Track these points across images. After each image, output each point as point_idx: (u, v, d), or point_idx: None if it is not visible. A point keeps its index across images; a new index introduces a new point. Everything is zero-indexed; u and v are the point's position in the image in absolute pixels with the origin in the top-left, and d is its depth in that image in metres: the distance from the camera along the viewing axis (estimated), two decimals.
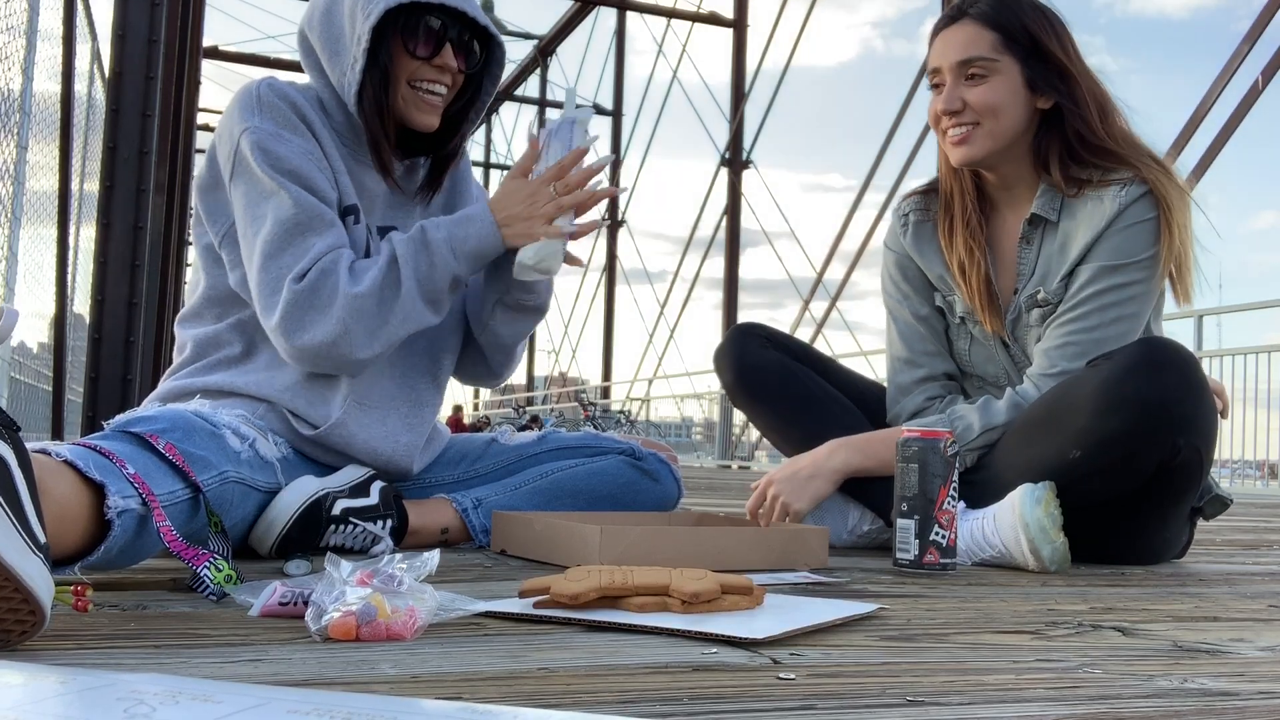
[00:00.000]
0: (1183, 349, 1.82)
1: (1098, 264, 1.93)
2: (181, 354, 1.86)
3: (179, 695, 0.72)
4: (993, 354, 2.08)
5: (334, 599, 1.03)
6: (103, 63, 8.05)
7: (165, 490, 1.36)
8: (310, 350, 1.70)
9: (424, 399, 1.92)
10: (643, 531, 1.62)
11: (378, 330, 1.72)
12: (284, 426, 1.78)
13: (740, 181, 17.11)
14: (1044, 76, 1.95)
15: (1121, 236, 1.92)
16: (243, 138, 1.73)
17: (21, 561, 0.89)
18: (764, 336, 2.18)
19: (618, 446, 2.07)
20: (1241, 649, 1.14)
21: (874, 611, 1.27)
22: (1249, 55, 8.28)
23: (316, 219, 1.71)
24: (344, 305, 1.69)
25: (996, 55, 1.94)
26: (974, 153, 1.97)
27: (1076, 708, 0.84)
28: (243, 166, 1.73)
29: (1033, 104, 1.97)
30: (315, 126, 1.78)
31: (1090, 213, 1.94)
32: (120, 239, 6.03)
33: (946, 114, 1.98)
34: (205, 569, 1.20)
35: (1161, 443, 1.78)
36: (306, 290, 1.68)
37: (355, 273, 1.72)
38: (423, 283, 1.74)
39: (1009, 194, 2.06)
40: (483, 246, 1.77)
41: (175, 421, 1.48)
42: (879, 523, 2.05)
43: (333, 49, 1.79)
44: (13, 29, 5.76)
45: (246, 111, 1.74)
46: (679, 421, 21.50)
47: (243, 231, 1.74)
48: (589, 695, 0.83)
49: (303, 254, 1.70)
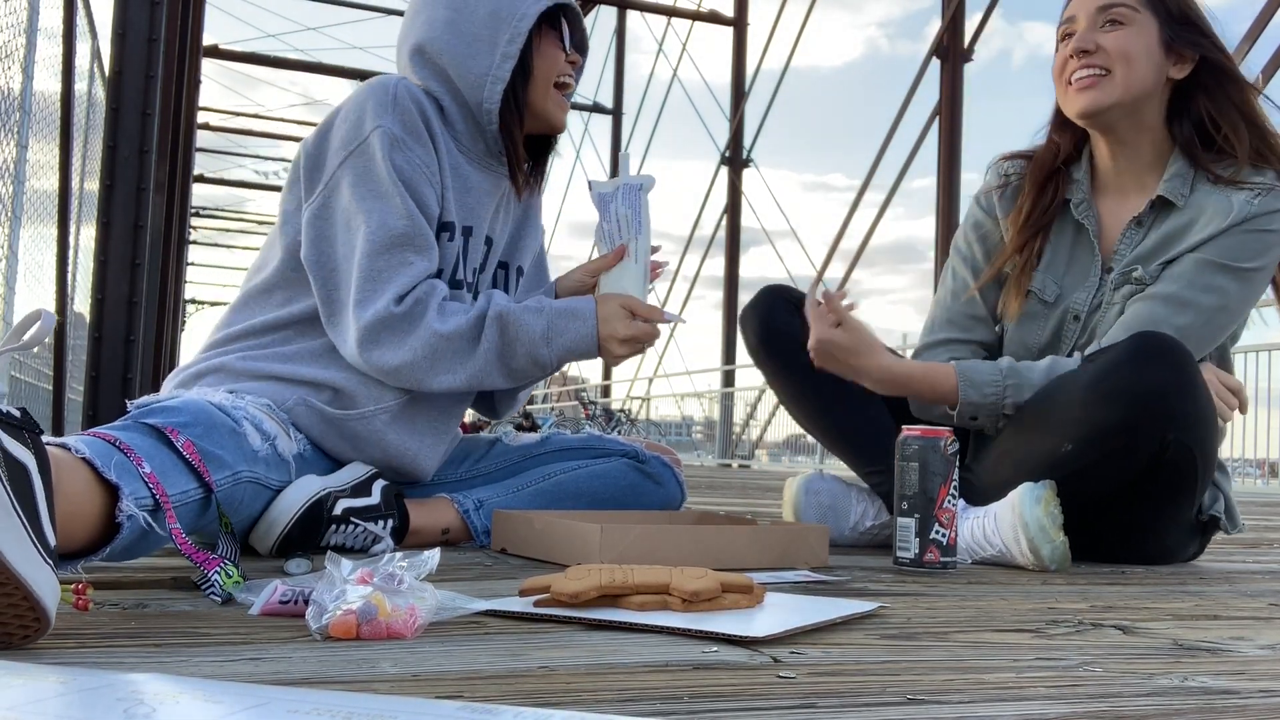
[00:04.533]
0: (1178, 344, 1.77)
1: (1204, 257, 1.88)
2: (229, 328, 1.85)
3: (179, 695, 0.72)
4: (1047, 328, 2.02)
5: (334, 598, 1.03)
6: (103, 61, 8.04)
7: (178, 490, 1.36)
8: (379, 368, 1.75)
9: (456, 410, 1.96)
10: (643, 530, 1.62)
11: (444, 374, 1.77)
12: (313, 417, 1.78)
13: (740, 180, 17.09)
14: (1183, 39, 1.92)
15: (1239, 239, 1.87)
16: (374, 134, 1.75)
17: (34, 573, 0.90)
18: (792, 301, 2.08)
19: (621, 449, 2.07)
20: (1242, 647, 1.14)
21: (874, 610, 1.27)
22: (1249, 54, 8.27)
23: (420, 237, 1.75)
24: (424, 339, 1.73)
25: (1137, 7, 1.93)
26: (1100, 99, 1.92)
27: (1077, 706, 0.84)
28: (364, 159, 1.75)
29: (1166, 68, 1.94)
30: (437, 136, 1.82)
31: (1217, 208, 1.89)
32: (120, 238, 6.03)
33: (1079, 54, 1.93)
34: (216, 573, 1.20)
35: (1152, 436, 1.75)
36: (401, 314, 1.73)
37: (445, 312, 1.76)
38: (502, 354, 1.79)
39: (1124, 168, 2.00)
40: (578, 348, 1.82)
41: (197, 415, 1.48)
42: (882, 518, 2.05)
43: (467, 53, 1.83)
44: (13, 27, 5.76)
45: (382, 108, 1.77)
46: (679, 420, 21.50)
47: (344, 222, 1.76)
48: (589, 694, 0.83)
49: (402, 267, 1.73)
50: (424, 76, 1.87)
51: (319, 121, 1.88)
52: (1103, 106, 1.93)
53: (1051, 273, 2.03)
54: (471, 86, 1.84)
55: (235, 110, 23.01)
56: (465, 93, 1.85)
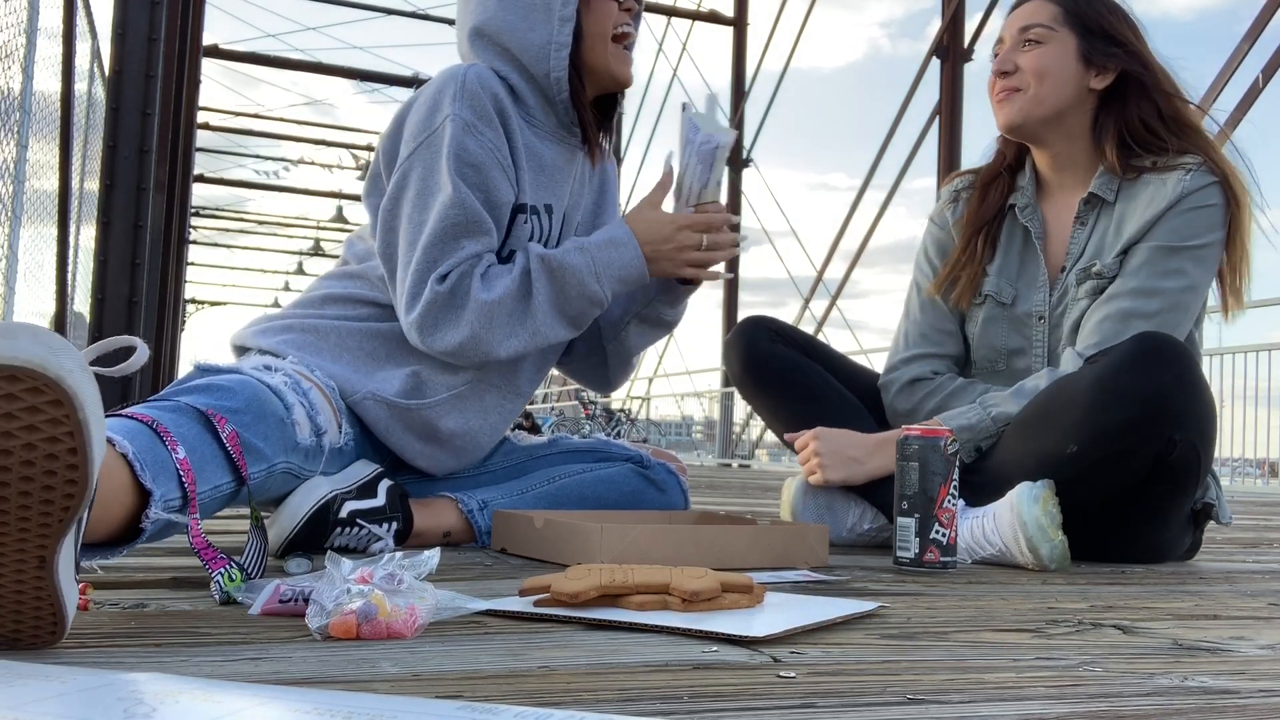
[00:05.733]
0: (1180, 344, 1.81)
1: (1155, 244, 1.93)
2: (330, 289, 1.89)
3: (179, 695, 0.72)
4: (1011, 331, 2.09)
5: (335, 597, 1.03)
6: (103, 61, 8.04)
7: (210, 485, 1.35)
8: (444, 351, 1.76)
9: (523, 389, 1.96)
10: (643, 530, 1.62)
11: (507, 338, 1.77)
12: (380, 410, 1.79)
13: (740, 180, 17.10)
14: (1102, 52, 2.00)
15: (1182, 219, 1.92)
16: (446, 122, 1.76)
17: (68, 588, 0.90)
18: (774, 330, 2.18)
19: (626, 454, 2.08)
20: (1242, 647, 1.14)
21: (874, 610, 1.27)
22: (1249, 54, 8.27)
23: (475, 224, 1.75)
24: (475, 311, 1.74)
25: (1055, 26, 2.02)
26: (1013, 114, 2.02)
27: (1077, 706, 0.84)
28: (432, 149, 1.76)
29: (1085, 80, 2.02)
30: (509, 118, 1.82)
31: (1152, 194, 1.95)
32: (120, 237, 6.03)
33: (999, 74, 2.04)
34: (219, 574, 1.20)
35: (1157, 437, 1.78)
36: (446, 293, 1.73)
37: (489, 279, 1.76)
38: (556, 300, 1.78)
39: (1064, 175, 2.09)
40: (628, 274, 1.81)
41: (250, 401, 1.48)
42: (879, 522, 2.05)
43: (525, 25, 1.83)
44: (13, 27, 5.76)
45: (453, 96, 1.77)
46: (679, 420, 21.50)
47: (408, 213, 1.78)
48: (589, 694, 0.83)
49: (454, 253, 1.74)
50: (488, 58, 1.87)
51: (320, 121, 1.89)
52: (1017, 121, 2.04)
53: (1005, 275, 2.11)
54: (536, 59, 1.84)
55: (235, 110, 23.01)
56: (530, 66, 1.84)
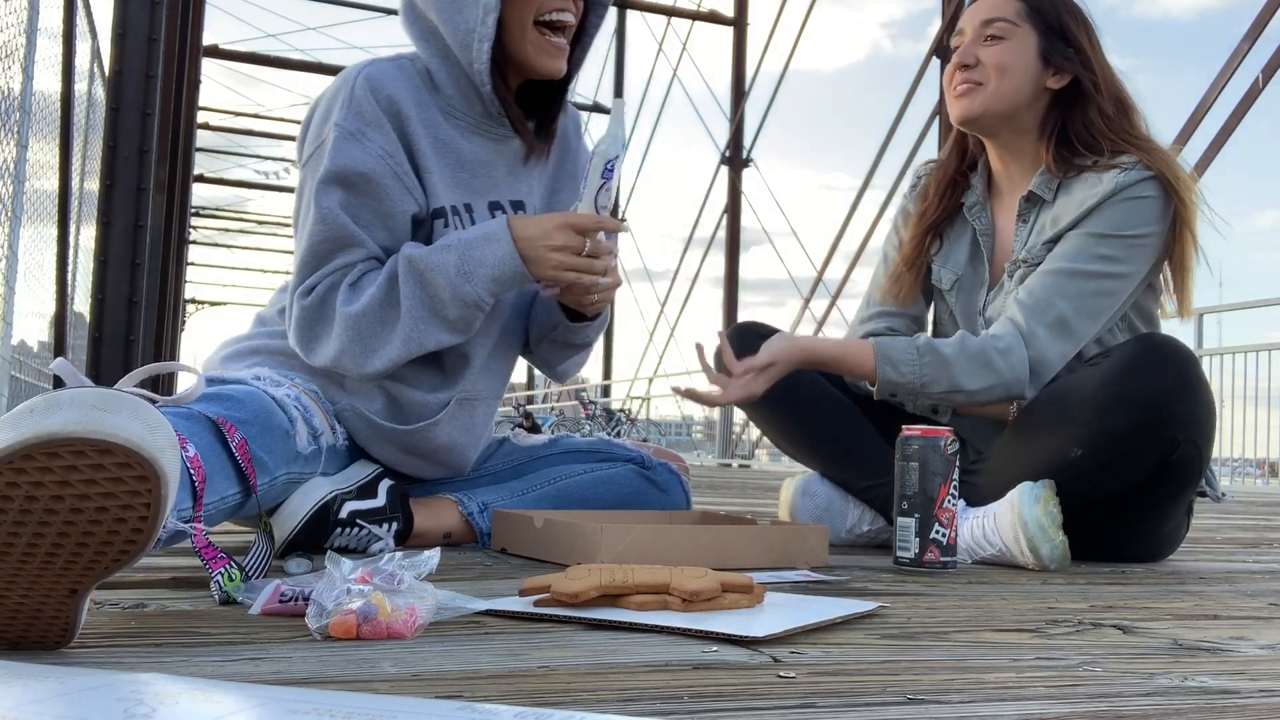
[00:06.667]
0: (1181, 345, 1.83)
1: (1087, 231, 1.94)
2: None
3: (179, 695, 0.72)
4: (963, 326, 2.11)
5: (335, 597, 1.03)
6: (103, 61, 8.05)
7: (217, 496, 1.35)
8: (326, 365, 1.71)
9: (501, 391, 1.94)
10: (643, 530, 1.62)
11: (381, 348, 1.68)
12: (360, 422, 1.77)
13: (740, 180, 17.10)
14: (1060, 53, 2.00)
15: (1115, 210, 1.92)
16: (329, 135, 1.69)
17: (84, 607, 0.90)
18: (764, 335, 2.16)
19: (627, 455, 2.06)
20: (1242, 647, 1.14)
21: (874, 610, 1.27)
22: (1249, 54, 8.27)
23: (343, 238, 1.68)
24: (341, 324, 1.68)
25: (1018, 22, 2.01)
26: (972, 108, 2.02)
27: (1077, 706, 0.84)
28: (314, 163, 1.71)
29: (1043, 79, 2.02)
30: (409, 121, 1.72)
31: (1088, 189, 1.96)
32: (120, 237, 6.03)
33: (959, 67, 2.04)
34: (219, 574, 1.20)
35: (1161, 439, 1.79)
36: (311, 307, 1.69)
37: (357, 289, 1.69)
38: (428, 303, 1.67)
39: (1011, 170, 2.09)
40: (502, 272, 1.67)
41: (257, 413, 1.48)
42: (878, 523, 2.05)
43: (455, 6, 1.71)
44: (13, 27, 5.76)
45: (342, 103, 1.70)
46: (679, 420, 21.49)
47: (297, 229, 1.74)
48: (589, 694, 0.83)
49: (322, 268, 1.70)
50: (414, 35, 1.79)
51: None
52: (975, 115, 2.04)
53: (950, 268, 2.14)
54: (460, 45, 1.72)
55: (235, 110, 23.02)
56: (456, 51, 1.73)
